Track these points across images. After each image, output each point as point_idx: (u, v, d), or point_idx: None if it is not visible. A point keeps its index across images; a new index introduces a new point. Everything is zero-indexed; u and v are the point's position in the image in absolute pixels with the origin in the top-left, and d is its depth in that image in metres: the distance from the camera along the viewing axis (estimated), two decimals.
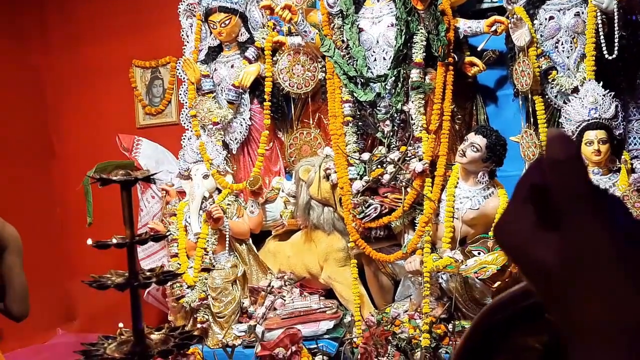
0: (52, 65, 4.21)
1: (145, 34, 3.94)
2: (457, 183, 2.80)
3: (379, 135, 2.95)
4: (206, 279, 3.08)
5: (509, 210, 0.46)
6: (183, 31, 3.45)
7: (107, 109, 4.06)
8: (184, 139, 3.45)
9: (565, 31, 2.79)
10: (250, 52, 3.27)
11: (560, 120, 2.78)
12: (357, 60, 2.97)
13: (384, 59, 2.96)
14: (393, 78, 2.90)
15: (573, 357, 0.42)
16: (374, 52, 2.97)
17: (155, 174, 1.57)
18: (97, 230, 3.37)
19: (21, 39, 4.14)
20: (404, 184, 2.82)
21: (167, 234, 2.80)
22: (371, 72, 2.96)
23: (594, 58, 2.69)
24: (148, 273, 1.45)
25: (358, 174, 2.90)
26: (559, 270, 0.43)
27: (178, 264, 3.11)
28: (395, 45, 2.89)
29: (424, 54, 2.88)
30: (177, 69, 3.53)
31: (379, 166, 2.87)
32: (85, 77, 4.12)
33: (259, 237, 3.31)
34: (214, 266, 3.12)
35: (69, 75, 4.16)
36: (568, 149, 0.44)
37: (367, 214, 2.82)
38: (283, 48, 3.21)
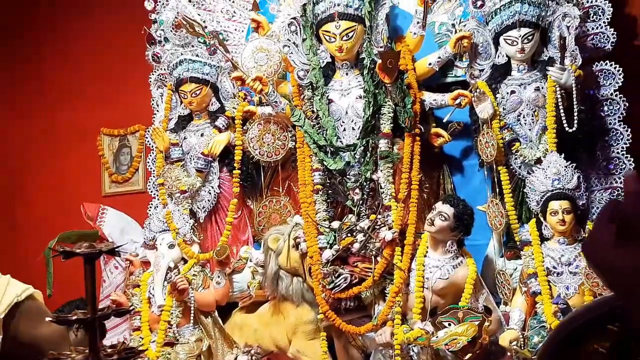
0: (19, 132, 4.16)
1: (115, 102, 3.95)
2: (427, 252, 2.80)
3: (348, 203, 2.95)
4: (169, 354, 2.96)
5: (595, 231, 0.65)
6: (153, 100, 3.47)
7: (73, 176, 4.00)
8: (151, 207, 3.40)
9: (527, 105, 2.90)
10: (221, 121, 3.29)
11: (525, 190, 2.84)
12: (326, 130, 3.01)
13: (353, 129, 3.01)
14: (362, 147, 2.94)
15: None
16: (343, 122, 3.03)
17: (120, 246, 1.53)
18: (58, 299, 3.24)
19: None
20: (374, 253, 2.80)
21: (131, 308, 2.71)
22: (341, 141, 3.00)
23: (555, 131, 2.79)
24: (109, 350, 1.38)
25: (328, 243, 2.87)
26: (635, 278, 0.57)
27: (140, 337, 2.99)
28: (363, 116, 2.95)
29: (392, 124, 2.95)
30: (146, 138, 3.52)
31: (349, 235, 2.86)
32: (53, 144, 4.08)
33: (225, 309, 3.21)
34: (177, 340, 3.00)
35: (35, 142, 4.12)
36: None
37: (337, 284, 2.78)
38: (254, 117, 3.24)
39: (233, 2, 3.44)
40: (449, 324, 2.56)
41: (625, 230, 0.58)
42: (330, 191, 3.00)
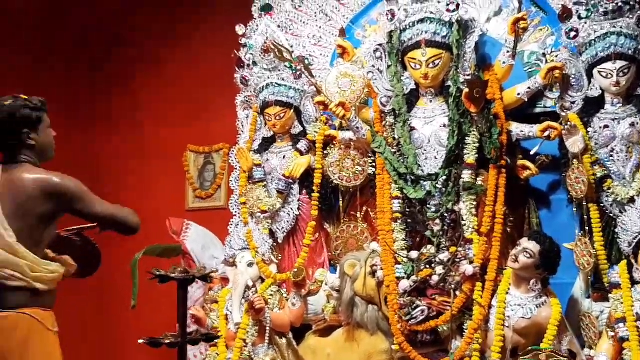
0: (113, 147, 4.39)
1: (202, 121, 4.11)
2: (509, 289, 2.71)
3: (428, 234, 2.91)
4: None
5: None
6: (239, 121, 3.57)
7: (160, 190, 4.17)
8: (231, 225, 3.48)
9: (620, 140, 2.78)
10: (302, 144, 3.34)
11: (616, 230, 2.72)
12: (407, 158, 2.98)
13: (435, 157, 2.96)
14: (444, 177, 2.89)
15: None
16: (425, 150, 2.99)
17: (211, 272, 1.58)
18: (141, 310, 3.37)
19: (86, 125, 4.36)
20: (453, 286, 2.75)
21: (219, 335, 2.76)
22: (422, 170, 2.96)
23: None
24: None
25: (405, 273, 2.84)
26: None
27: (216, 354, 3.05)
28: (447, 146, 2.91)
29: (476, 155, 2.88)
30: (230, 157, 3.62)
31: (427, 266, 2.81)
32: (142, 158, 4.27)
33: (299, 331, 3.24)
34: (252, 359, 3.04)
35: (126, 157, 4.33)
36: None
37: (413, 316, 2.74)
38: (334, 142, 3.26)
39: (320, 27, 3.49)
40: None
41: None
42: (409, 220, 2.96)
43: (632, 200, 2.68)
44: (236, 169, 3.52)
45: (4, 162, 2.22)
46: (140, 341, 1.48)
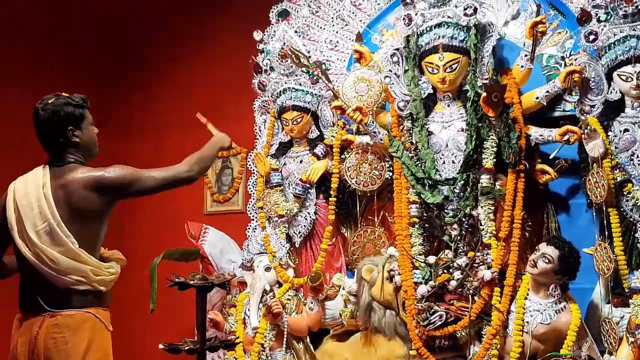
0: (131, 154, 4.43)
1: (219, 125, 4.10)
2: (528, 294, 2.70)
3: (445, 238, 2.90)
4: None
5: None
6: (256, 126, 3.60)
7: (178, 194, 4.18)
8: (249, 229, 3.50)
9: None
10: (319, 149, 3.35)
11: (636, 235, 2.68)
12: (425, 162, 2.97)
13: (453, 162, 2.95)
14: (462, 182, 2.88)
15: None
16: (442, 155, 2.98)
17: (230, 279, 1.59)
18: (160, 314, 3.39)
19: (104, 130, 4.39)
20: (471, 292, 2.74)
21: (237, 341, 2.77)
22: (439, 174, 2.96)
23: None
24: None
25: (423, 278, 2.83)
26: None
27: (234, 358, 3.07)
28: (465, 150, 2.90)
29: (495, 159, 2.87)
30: (248, 161, 3.65)
31: (445, 271, 2.80)
32: (160, 164, 4.28)
33: (317, 336, 3.24)
34: None
35: (143, 162, 4.34)
36: None
37: (431, 321, 2.73)
38: (351, 146, 3.27)
39: (337, 32, 3.50)
40: None
41: None
42: (427, 225, 2.95)
43: None
44: (254, 173, 3.54)
45: (50, 165, 2.24)
46: (160, 347, 1.49)
